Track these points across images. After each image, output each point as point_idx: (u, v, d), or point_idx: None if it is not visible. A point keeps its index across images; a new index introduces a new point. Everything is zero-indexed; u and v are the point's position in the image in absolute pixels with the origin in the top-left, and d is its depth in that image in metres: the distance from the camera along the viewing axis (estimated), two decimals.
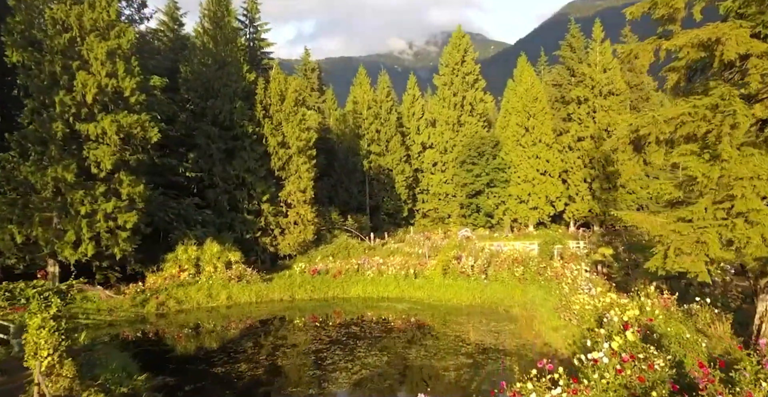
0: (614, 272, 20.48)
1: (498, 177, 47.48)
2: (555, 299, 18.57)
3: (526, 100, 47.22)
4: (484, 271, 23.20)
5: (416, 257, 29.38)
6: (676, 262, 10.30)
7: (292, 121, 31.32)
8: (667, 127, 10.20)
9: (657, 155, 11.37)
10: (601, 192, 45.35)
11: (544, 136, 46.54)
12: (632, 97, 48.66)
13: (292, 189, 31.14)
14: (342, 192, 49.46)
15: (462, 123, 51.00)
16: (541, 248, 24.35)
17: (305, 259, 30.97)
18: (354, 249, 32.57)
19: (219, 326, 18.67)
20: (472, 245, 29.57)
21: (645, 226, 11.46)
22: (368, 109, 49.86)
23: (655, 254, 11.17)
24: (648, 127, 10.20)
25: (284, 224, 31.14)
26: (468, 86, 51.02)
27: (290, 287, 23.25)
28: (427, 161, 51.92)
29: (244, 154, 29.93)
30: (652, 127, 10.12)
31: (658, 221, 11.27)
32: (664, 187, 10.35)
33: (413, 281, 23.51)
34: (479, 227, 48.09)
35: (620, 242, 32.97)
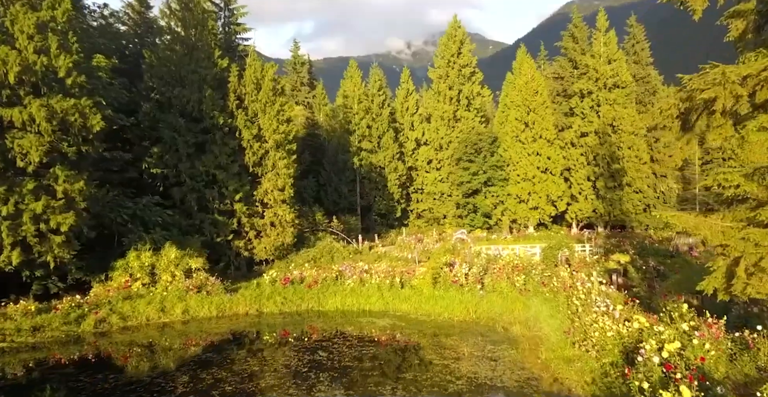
0: (635, 284, 17.36)
1: (496, 175, 44.41)
2: (563, 316, 15.44)
3: (526, 94, 44.15)
4: (479, 280, 20.08)
5: (405, 262, 26.27)
6: (750, 284, 7.17)
7: (269, 112, 28.16)
8: (742, 89, 6.99)
9: (722, 131, 8.03)
10: (606, 191, 42.28)
11: (545, 131, 43.49)
12: (638, 91, 45.56)
13: (268, 187, 27.98)
14: (331, 191, 46.35)
15: (458, 118, 47.91)
16: (545, 254, 21.23)
17: (283, 264, 27.82)
18: (338, 253, 29.44)
19: (162, 348, 15.53)
20: (466, 249, 26.44)
21: (701, 232, 8.24)
22: (359, 103, 46.74)
23: (711, 270, 8.07)
24: (713, 89, 7.01)
25: (260, 226, 27.98)
26: (464, 79, 47.93)
27: (258, 299, 20.08)
28: (422, 159, 48.82)
29: (215, 149, 26.77)
30: (719, 89, 6.94)
31: (718, 225, 8.06)
32: (730, 178, 7.34)
33: (399, 292, 20.37)
34: (476, 228, 45.01)
35: (630, 245, 29.86)
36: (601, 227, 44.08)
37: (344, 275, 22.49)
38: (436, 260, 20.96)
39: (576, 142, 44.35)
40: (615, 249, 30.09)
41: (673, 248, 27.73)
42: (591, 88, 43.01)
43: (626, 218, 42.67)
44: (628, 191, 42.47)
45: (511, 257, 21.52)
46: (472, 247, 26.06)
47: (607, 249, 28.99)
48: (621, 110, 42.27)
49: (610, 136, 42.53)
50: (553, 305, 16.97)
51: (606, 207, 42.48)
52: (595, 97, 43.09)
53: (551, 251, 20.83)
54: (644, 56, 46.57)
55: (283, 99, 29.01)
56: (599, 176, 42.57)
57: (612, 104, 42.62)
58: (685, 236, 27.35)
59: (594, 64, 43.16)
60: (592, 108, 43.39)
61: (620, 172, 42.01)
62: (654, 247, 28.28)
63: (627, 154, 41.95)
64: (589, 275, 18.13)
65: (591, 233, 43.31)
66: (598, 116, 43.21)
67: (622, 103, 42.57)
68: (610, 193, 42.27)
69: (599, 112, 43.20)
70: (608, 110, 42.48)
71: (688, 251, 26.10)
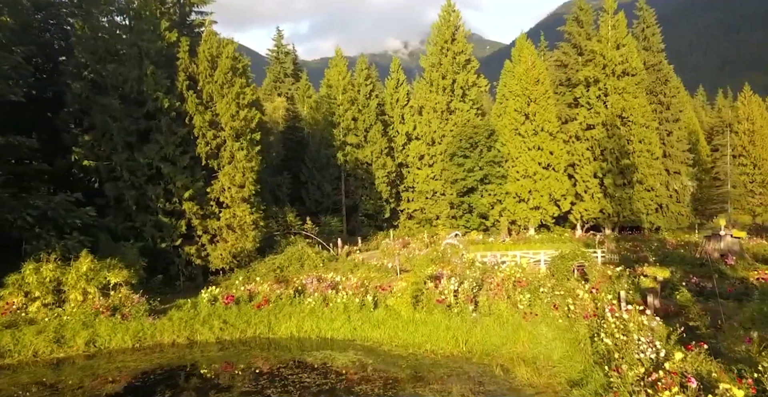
0: (683, 311, 12.81)
1: (493, 172, 39.95)
2: (587, 358, 11.00)
3: (526, 83, 39.71)
4: (472, 299, 15.60)
5: (384, 273, 21.79)
6: None
7: (228, 94, 23.66)
8: None
9: None
10: (615, 189, 37.83)
11: (547, 124, 39.05)
12: (649, 80, 41.10)
13: (226, 183, 23.48)
14: (313, 190, 41.89)
15: (452, 110, 43.42)
16: (556, 266, 16.68)
17: (244, 274, 23.34)
18: (309, 261, 24.97)
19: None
20: (458, 256, 22.00)
21: None
22: (343, 93, 42.24)
23: None
24: None
25: (215, 229, 23.48)
26: (459, 68, 43.43)
27: (190, 323, 15.56)
28: (413, 154, 44.32)
29: (160, 138, 22.24)
30: None
31: None
32: None
33: (371, 314, 15.87)
34: (472, 229, 40.54)
35: (648, 250, 25.40)
36: (608, 228, 39.65)
37: (307, 289, 18.00)
38: (418, 272, 16.47)
39: (581, 135, 39.92)
40: (631, 254, 25.62)
41: (701, 254, 23.29)
42: (598, 75, 38.58)
43: (636, 219, 38.24)
44: (639, 189, 38.05)
45: (511, 268, 17.01)
46: (465, 254, 21.56)
47: (624, 256, 24.54)
48: (631, 100, 37.84)
49: (619, 128, 38.10)
50: (570, 337, 12.47)
51: (615, 207, 38.04)
52: (602, 85, 38.66)
53: (564, 262, 16.32)
54: (655, 42, 42.13)
55: (243, 80, 24.47)
56: (607, 173, 38.14)
57: (621, 93, 38.18)
58: (716, 239, 22.89)
59: (601, 49, 38.72)
60: (599, 98, 38.96)
61: (630, 169, 37.58)
62: (678, 253, 23.82)
63: (638, 148, 37.52)
64: (614, 295, 13.69)
65: (599, 235, 38.90)
66: (605, 107, 38.78)
67: (633, 92, 38.13)
68: (620, 191, 37.84)
69: (607, 103, 38.77)
70: (617, 100, 38.04)
71: (722, 259, 21.66)
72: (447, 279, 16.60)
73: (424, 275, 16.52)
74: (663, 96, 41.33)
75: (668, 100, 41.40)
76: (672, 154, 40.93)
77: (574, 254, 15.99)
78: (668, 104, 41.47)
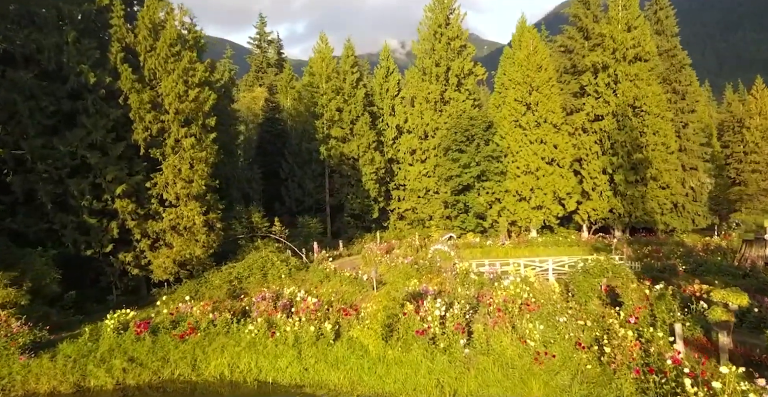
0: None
1: (491, 168, 35.77)
2: None
3: (528, 70, 35.54)
4: (465, 328, 11.40)
5: (360, 285, 17.59)
6: None
7: (174, 71, 19.45)
8: None
9: None
10: (626, 186, 33.65)
11: (551, 114, 34.90)
12: (662, 67, 36.93)
13: (170, 177, 19.26)
14: (294, 187, 37.69)
15: (446, 100, 39.22)
16: (577, 284, 12.34)
17: (193, 286, 19.20)
18: (274, 270, 20.71)
19: None
20: (449, 264, 17.83)
21: None
22: (327, 81, 38.02)
23: None
24: None
25: (156, 233, 19.27)
26: (454, 54, 39.21)
27: (82, 362, 11.37)
28: (404, 149, 40.10)
29: (87, 121, 18.02)
30: None
31: None
32: None
33: (329, 349, 11.68)
34: (468, 231, 36.36)
35: (676, 258, 21.22)
36: (618, 230, 35.47)
37: (254, 311, 13.78)
38: (393, 290, 12.27)
39: (588, 127, 35.75)
40: (654, 262, 21.40)
41: (741, 262, 19.13)
42: (607, 61, 34.42)
43: (650, 220, 34.05)
44: (653, 187, 33.87)
45: (516, 285, 12.76)
46: (457, 262, 17.35)
47: (646, 264, 20.36)
48: (644, 87, 33.67)
49: (631, 119, 33.92)
50: None
51: (626, 206, 33.86)
52: (611, 72, 34.50)
53: (587, 278, 12.01)
54: (669, 25, 37.97)
55: (193, 54, 20.24)
56: (617, 168, 33.97)
57: (633, 80, 34.01)
58: (760, 244, 18.74)
59: (610, 31, 34.54)
60: (608, 85, 34.80)
61: (644, 164, 33.39)
62: (713, 261, 19.63)
63: (652, 141, 33.33)
64: (663, 328, 9.54)
65: (609, 238, 34.76)
66: (615, 95, 34.60)
67: (646, 79, 33.96)
68: (631, 188, 33.66)
69: (617, 91, 34.60)
70: (629, 88, 33.86)
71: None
72: (432, 299, 12.37)
73: (402, 295, 12.33)
74: (678, 84, 37.19)
75: (683, 88, 37.27)
76: (688, 149, 36.78)
77: (602, 267, 11.79)
78: (683, 93, 37.34)
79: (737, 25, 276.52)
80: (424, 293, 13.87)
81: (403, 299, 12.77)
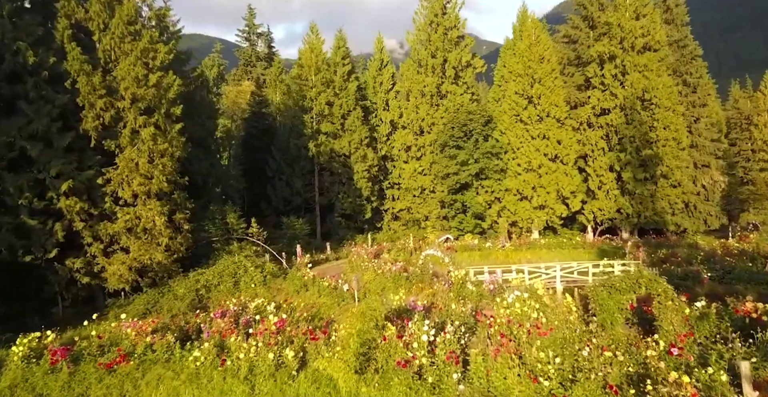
0: None
1: (491, 165, 33.43)
2: None
3: (530, 61, 33.19)
4: (458, 357, 8.99)
5: (339, 297, 15.16)
6: None
7: (132, 51, 17.04)
8: None
9: None
10: (635, 184, 31.26)
11: (554, 108, 32.56)
12: (672, 58, 34.55)
13: (126, 173, 16.85)
14: (281, 186, 35.29)
15: (443, 94, 36.86)
16: (600, 302, 9.82)
17: (154, 295, 16.83)
18: (247, 277, 18.35)
19: None
20: (443, 271, 15.41)
21: None
22: (317, 73, 35.62)
23: None
24: None
25: (110, 236, 16.85)
26: (451, 45, 36.85)
27: None
28: (398, 145, 37.72)
29: (27, 108, 15.61)
30: None
31: None
32: None
33: (290, 384, 9.21)
34: (466, 232, 34.00)
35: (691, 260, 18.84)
36: (626, 231, 33.08)
37: (212, 328, 11.37)
38: (368, 309, 9.84)
39: (594, 121, 33.37)
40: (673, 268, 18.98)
41: None
42: (614, 51, 32.01)
43: (660, 220, 31.65)
44: (664, 185, 31.48)
45: (522, 301, 10.34)
46: (452, 270, 14.93)
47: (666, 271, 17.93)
48: (654, 79, 31.28)
49: (639, 113, 31.52)
50: None
51: (635, 205, 31.46)
52: (619, 62, 32.09)
53: (614, 296, 9.48)
54: (680, 13, 35.56)
55: (155, 34, 17.83)
56: (626, 165, 31.57)
57: (642, 71, 31.62)
58: None
59: (618, 19, 32.15)
60: (616, 77, 32.40)
61: (653, 160, 31.00)
62: (744, 267, 17.20)
63: (662, 135, 30.93)
64: (717, 364, 7.16)
65: (615, 239, 32.38)
66: (623, 87, 32.21)
67: (656, 70, 31.57)
68: (640, 187, 31.26)
69: (625, 83, 32.20)
70: (637, 79, 31.46)
71: None
72: (419, 318, 9.96)
73: (382, 312, 9.91)
74: (689, 76, 34.79)
75: (695, 80, 34.88)
76: (699, 145, 34.39)
77: (634, 280, 9.33)
78: (695, 86, 34.95)
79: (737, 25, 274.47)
80: (412, 308, 11.46)
81: (385, 317, 10.37)
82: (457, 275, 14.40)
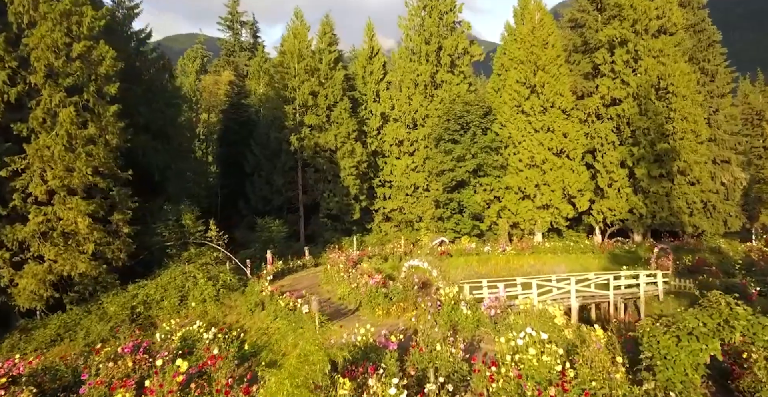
0: None
1: (490, 161, 30.16)
2: None
3: (533, 46, 29.92)
4: None
5: (298, 320, 11.82)
6: None
7: (49, 14, 13.70)
8: None
9: None
10: (650, 182, 27.96)
11: (559, 98, 29.30)
12: (689, 43, 31.24)
13: (38, 164, 13.51)
14: (260, 184, 31.98)
15: (438, 83, 33.58)
16: (665, 350, 6.60)
17: (73, 317, 13.52)
18: (197, 291, 15.03)
19: None
20: (432, 285, 12.10)
21: None
22: (300, 60, 32.30)
23: None
24: None
25: (20, 242, 13.50)
26: (447, 31, 33.57)
27: None
28: (389, 139, 34.42)
29: None
30: None
31: None
32: None
33: None
34: (463, 234, 30.73)
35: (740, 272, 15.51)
36: (638, 233, 29.77)
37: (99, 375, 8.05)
38: (309, 356, 6.55)
39: (603, 113, 30.08)
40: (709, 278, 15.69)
41: None
42: (626, 34, 28.72)
43: (676, 221, 28.33)
44: (681, 182, 28.19)
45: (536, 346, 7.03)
46: (441, 287, 11.60)
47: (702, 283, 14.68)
48: (671, 65, 27.99)
49: (654, 103, 28.23)
50: None
51: (650, 205, 28.16)
52: (631, 47, 28.79)
53: (683, 348, 6.23)
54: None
55: None
56: (639, 161, 28.27)
57: (657, 57, 28.33)
58: None
59: (630, 0, 28.86)
60: (627, 63, 29.10)
61: (670, 155, 27.70)
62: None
63: (680, 127, 27.64)
64: None
65: (627, 242, 29.11)
66: (635, 75, 28.93)
67: (672, 55, 28.29)
68: (655, 184, 27.97)
69: (638, 69, 28.91)
70: (652, 65, 28.16)
71: None
72: (387, 369, 6.65)
73: (324, 363, 6.55)
74: (707, 63, 31.51)
75: (713, 68, 31.59)
76: (718, 139, 31.10)
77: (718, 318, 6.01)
78: (713, 74, 31.66)
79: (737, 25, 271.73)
80: (383, 346, 8.15)
81: (342, 365, 7.06)
82: (448, 292, 11.09)
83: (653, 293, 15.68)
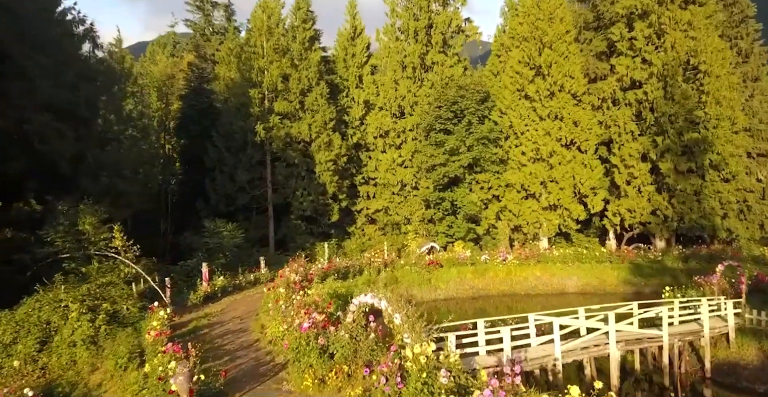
0: None
1: (487, 154, 25.59)
2: None
3: (538, 20, 25.34)
4: None
5: None
6: None
7: None
8: None
9: None
10: (677, 178, 23.28)
11: (569, 80, 24.73)
12: (720, 17, 26.58)
13: None
14: (223, 180, 27.33)
15: (429, 65, 28.95)
16: None
17: None
18: (68, 329, 10.34)
19: None
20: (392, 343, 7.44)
21: None
22: (269, 38, 27.62)
23: None
24: None
25: None
26: (439, 5, 28.90)
27: None
28: (373, 129, 29.76)
29: None
30: None
31: None
32: None
33: None
34: (456, 239, 26.15)
35: None
36: (661, 239, 25.12)
37: None
38: None
39: (621, 97, 25.44)
40: None
41: None
42: (648, 4, 24.07)
43: (706, 224, 23.67)
44: (714, 178, 23.55)
45: None
46: (407, 339, 6.95)
47: None
48: (703, 39, 23.33)
49: (681, 85, 23.60)
50: None
51: (677, 206, 23.50)
52: (654, 19, 24.13)
53: None
54: None
55: None
56: (664, 153, 23.61)
57: (686, 30, 23.70)
58: None
59: None
60: (650, 39, 24.44)
61: (701, 146, 23.04)
62: None
63: (713, 113, 23.00)
64: None
65: (650, 249, 24.48)
66: (659, 52, 24.25)
67: (704, 29, 23.65)
68: (683, 181, 23.31)
69: (662, 46, 24.24)
70: (680, 40, 23.50)
71: None
72: None
73: None
74: (740, 40, 26.86)
75: (747, 47, 26.95)
76: (753, 128, 26.46)
77: None
78: (747, 53, 27.02)
79: None
80: None
81: None
82: (419, 352, 6.41)
83: (721, 331, 11.11)
